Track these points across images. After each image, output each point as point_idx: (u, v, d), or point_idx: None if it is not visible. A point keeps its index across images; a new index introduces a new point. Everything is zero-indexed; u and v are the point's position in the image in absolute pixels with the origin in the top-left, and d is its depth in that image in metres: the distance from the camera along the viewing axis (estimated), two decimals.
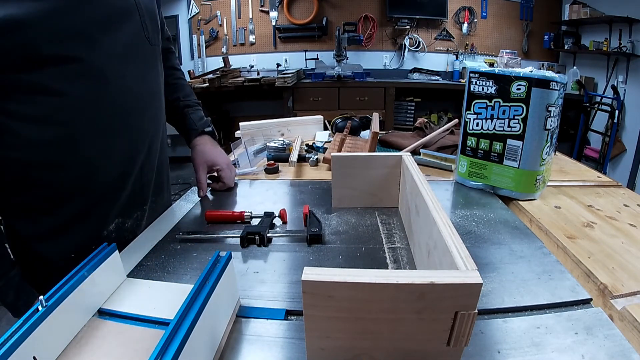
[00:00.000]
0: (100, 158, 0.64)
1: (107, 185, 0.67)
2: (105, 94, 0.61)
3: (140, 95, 0.69)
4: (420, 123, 1.27)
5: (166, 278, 0.55)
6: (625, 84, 3.09)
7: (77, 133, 0.60)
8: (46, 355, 0.36)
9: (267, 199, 0.85)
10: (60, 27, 0.53)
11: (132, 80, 0.66)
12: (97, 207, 0.66)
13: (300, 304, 0.35)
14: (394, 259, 0.59)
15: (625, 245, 0.61)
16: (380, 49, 3.94)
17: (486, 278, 0.53)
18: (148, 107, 0.72)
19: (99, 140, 0.63)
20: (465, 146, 0.86)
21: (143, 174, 0.73)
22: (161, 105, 0.78)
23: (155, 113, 0.75)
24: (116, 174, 0.67)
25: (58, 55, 0.54)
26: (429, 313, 0.33)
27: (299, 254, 0.61)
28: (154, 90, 0.74)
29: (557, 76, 0.72)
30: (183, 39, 4.13)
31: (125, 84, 0.64)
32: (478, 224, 0.70)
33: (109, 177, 0.66)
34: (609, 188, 0.88)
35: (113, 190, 0.68)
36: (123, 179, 0.69)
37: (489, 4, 3.77)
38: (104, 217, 0.68)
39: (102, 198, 0.67)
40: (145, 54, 0.70)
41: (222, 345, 0.41)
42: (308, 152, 1.15)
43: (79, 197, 0.64)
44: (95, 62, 0.58)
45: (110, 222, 0.69)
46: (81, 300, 0.42)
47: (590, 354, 0.40)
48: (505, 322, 0.45)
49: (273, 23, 3.89)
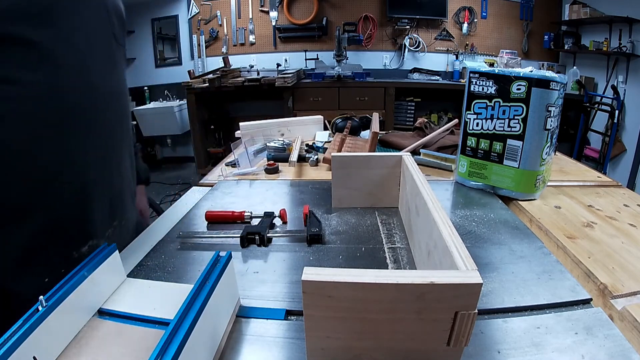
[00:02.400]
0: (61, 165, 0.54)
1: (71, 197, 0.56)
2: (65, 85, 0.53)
3: (104, 94, 0.61)
4: (420, 123, 1.27)
5: (166, 278, 0.55)
6: (625, 84, 3.10)
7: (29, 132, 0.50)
8: (46, 355, 0.36)
9: (267, 199, 0.85)
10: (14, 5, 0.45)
11: (96, 75, 0.58)
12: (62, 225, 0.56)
13: (300, 304, 0.35)
14: (394, 259, 0.59)
15: (625, 245, 0.61)
16: (380, 49, 3.95)
17: (486, 278, 0.53)
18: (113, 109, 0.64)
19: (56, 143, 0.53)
20: (465, 146, 0.86)
21: (112, 185, 0.65)
22: (127, 110, 0.71)
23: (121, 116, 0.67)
24: (78, 184, 0.57)
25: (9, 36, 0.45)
26: (429, 313, 0.33)
27: (299, 254, 0.61)
28: (120, 91, 0.67)
29: (557, 76, 0.72)
30: (183, 39, 4.14)
31: (89, 78, 0.57)
32: (478, 224, 0.70)
33: (71, 187, 0.56)
34: (609, 188, 0.88)
35: (79, 202, 0.58)
36: (88, 189, 0.59)
37: (489, 4, 3.77)
38: (71, 239, 0.57)
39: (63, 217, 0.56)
40: (112, 51, 0.64)
41: (222, 345, 0.41)
42: (308, 152, 1.15)
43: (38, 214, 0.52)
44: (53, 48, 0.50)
45: (81, 244, 0.59)
46: (81, 300, 0.42)
47: (590, 354, 0.40)
48: (505, 322, 0.45)
49: (273, 23, 3.90)
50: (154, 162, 4.52)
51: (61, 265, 0.53)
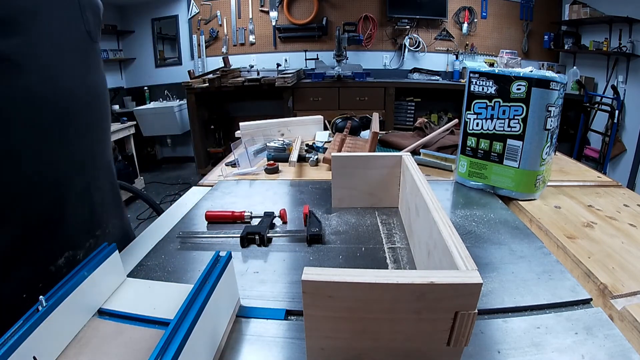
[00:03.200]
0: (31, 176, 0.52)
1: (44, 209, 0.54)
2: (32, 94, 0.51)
3: (79, 97, 0.58)
4: (420, 123, 1.27)
5: (166, 278, 0.55)
6: (625, 84, 3.10)
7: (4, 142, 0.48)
8: (46, 355, 0.36)
9: (267, 199, 0.85)
10: None
11: (69, 80, 0.57)
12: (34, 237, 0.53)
13: (300, 304, 0.35)
14: (394, 259, 0.59)
15: (625, 245, 0.61)
16: (380, 49, 3.95)
17: (486, 278, 0.53)
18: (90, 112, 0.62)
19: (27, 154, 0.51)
20: (465, 146, 0.86)
21: (90, 194, 0.63)
22: (106, 113, 0.68)
23: (99, 120, 0.65)
24: (54, 194, 0.55)
25: None
26: (429, 313, 0.33)
27: (299, 254, 0.61)
28: (97, 92, 0.64)
29: (557, 76, 0.72)
30: (183, 39, 4.14)
31: (62, 84, 0.55)
32: (478, 224, 0.70)
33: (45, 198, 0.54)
34: (609, 188, 0.88)
35: (52, 214, 0.55)
36: (63, 201, 0.57)
37: (489, 4, 3.77)
38: (48, 250, 0.55)
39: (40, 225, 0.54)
40: (86, 51, 0.61)
41: (222, 345, 0.41)
42: (308, 152, 1.15)
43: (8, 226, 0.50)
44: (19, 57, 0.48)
45: (58, 255, 0.56)
46: (81, 300, 0.42)
47: (590, 354, 0.40)
48: (505, 322, 0.45)
49: (273, 23, 3.90)
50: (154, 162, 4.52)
51: (38, 280, 0.52)
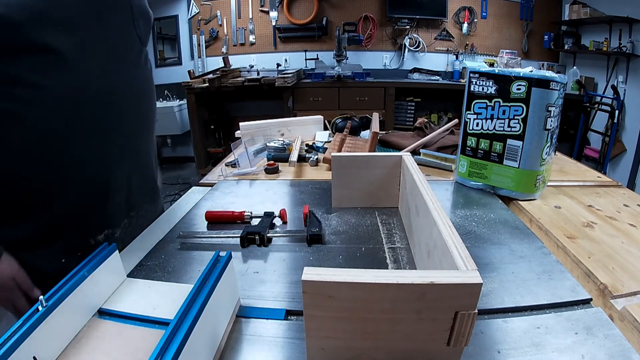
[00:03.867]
0: (80, 163, 0.60)
1: (90, 191, 0.63)
2: (86, 90, 0.57)
3: (126, 96, 0.65)
4: (420, 123, 1.27)
5: (166, 278, 0.55)
6: (625, 84, 3.09)
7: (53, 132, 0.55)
8: (46, 355, 0.36)
9: (267, 199, 0.85)
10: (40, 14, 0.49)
11: (121, 78, 0.62)
12: (80, 215, 0.62)
13: (300, 304, 0.35)
14: (394, 259, 0.59)
15: (625, 245, 0.61)
16: (380, 49, 3.94)
17: (486, 278, 0.53)
18: (138, 108, 0.68)
19: (78, 142, 0.59)
20: (465, 146, 0.86)
21: (130, 180, 0.70)
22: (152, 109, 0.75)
23: (145, 115, 0.71)
24: (100, 179, 0.64)
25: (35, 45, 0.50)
26: (429, 313, 0.33)
27: (299, 254, 0.61)
28: (142, 92, 0.70)
29: (557, 76, 0.72)
30: (183, 39, 4.14)
31: (110, 83, 0.61)
32: (478, 224, 0.70)
33: (92, 182, 0.63)
34: (609, 188, 0.88)
35: (97, 196, 0.64)
36: (107, 185, 0.65)
37: (489, 4, 3.77)
38: (90, 226, 0.64)
39: (88, 204, 0.63)
40: (135, 54, 0.66)
41: (222, 345, 0.41)
42: (308, 152, 1.15)
43: (59, 203, 0.60)
44: (76, 55, 0.54)
45: (97, 232, 0.65)
46: (81, 300, 0.42)
47: (590, 354, 0.40)
48: (505, 322, 0.45)
49: (273, 23, 3.89)
50: None
51: (78, 249, 0.61)
